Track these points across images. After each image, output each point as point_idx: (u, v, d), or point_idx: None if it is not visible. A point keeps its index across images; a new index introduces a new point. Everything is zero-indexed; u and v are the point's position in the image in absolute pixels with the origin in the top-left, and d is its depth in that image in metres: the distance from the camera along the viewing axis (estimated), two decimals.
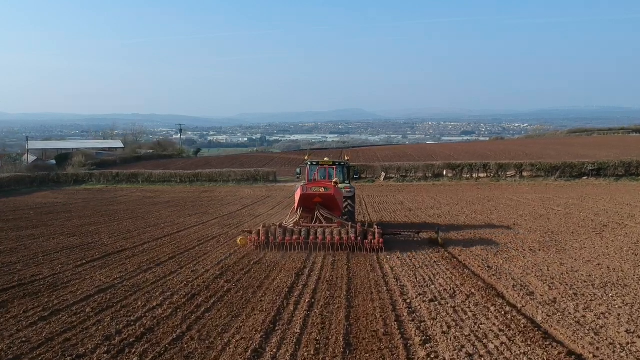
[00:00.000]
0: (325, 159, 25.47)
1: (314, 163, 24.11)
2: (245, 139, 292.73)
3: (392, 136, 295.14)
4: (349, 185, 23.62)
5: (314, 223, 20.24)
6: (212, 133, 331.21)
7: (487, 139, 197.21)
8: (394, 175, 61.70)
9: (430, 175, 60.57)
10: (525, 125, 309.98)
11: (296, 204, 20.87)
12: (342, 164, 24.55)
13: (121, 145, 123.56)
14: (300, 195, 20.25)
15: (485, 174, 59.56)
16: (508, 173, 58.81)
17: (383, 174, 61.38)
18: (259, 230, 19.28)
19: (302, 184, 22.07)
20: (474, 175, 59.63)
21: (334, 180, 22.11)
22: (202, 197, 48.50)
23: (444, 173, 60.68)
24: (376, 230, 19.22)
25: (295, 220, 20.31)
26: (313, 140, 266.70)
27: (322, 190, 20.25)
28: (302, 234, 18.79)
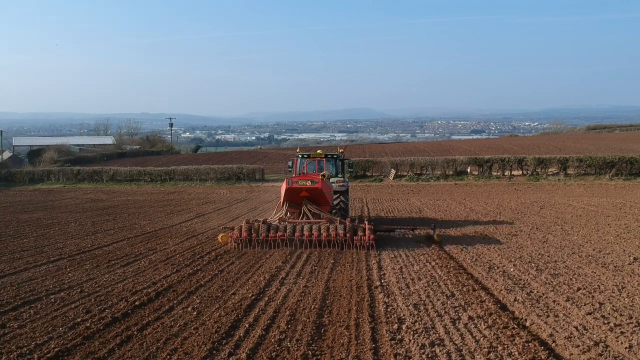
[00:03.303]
0: (318, 151, 23.84)
1: (305, 155, 22.83)
2: (253, 138, 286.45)
3: (400, 135, 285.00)
4: (342, 179, 21.73)
5: (301, 219, 18.54)
6: (220, 132, 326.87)
7: (498, 137, 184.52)
8: (406, 173, 50.26)
9: (451, 172, 49.01)
10: (535, 124, 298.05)
11: (282, 199, 19.12)
12: (335, 156, 22.88)
13: (112, 141, 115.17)
14: (286, 189, 18.51)
15: (521, 172, 48.01)
16: (549, 170, 47.25)
17: (393, 171, 49.90)
18: (241, 226, 17.49)
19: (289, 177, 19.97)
20: (505, 173, 48.10)
21: (321, 173, 20.44)
22: (160, 201, 37.59)
23: (468, 170, 49.18)
24: (367, 226, 17.17)
25: (280, 216, 18.72)
26: (321, 139, 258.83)
27: (308, 183, 18.51)
28: (287, 230, 17.06)
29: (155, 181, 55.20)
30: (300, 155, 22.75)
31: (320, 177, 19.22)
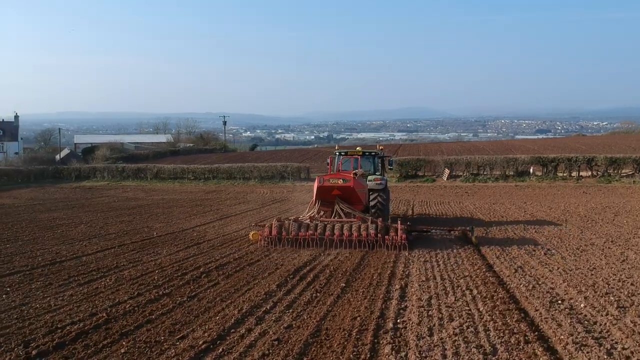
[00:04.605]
0: (357, 148, 23.19)
1: (342, 153, 22.27)
2: (312, 137, 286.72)
3: (462, 134, 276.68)
4: (380, 177, 20.81)
5: (333, 217, 17.88)
6: (280, 131, 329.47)
7: (564, 137, 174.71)
8: (461, 173, 46.31)
9: (511, 173, 44.78)
10: (605, 123, 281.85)
11: (314, 197, 18.71)
12: (373, 153, 22.29)
13: (167, 140, 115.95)
14: (318, 187, 18.14)
15: (590, 172, 43.34)
16: (623, 171, 42.42)
17: (447, 171, 46.07)
18: (272, 224, 16.98)
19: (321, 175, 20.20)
20: (572, 174, 43.49)
21: (354, 171, 19.45)
22: (194, 200, 35.53)
23: (531, 170, 44.85)
24: (399, 226, 16.22)
25: (311, 214, 18.11)
26: (380, 138, 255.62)
27: (340, 182, 17.98)
28: (318, 229, 16.40)
29: (198, 179, 53.60)
30: (337, 153, 22.12)
31: (352, 175, 18.50)
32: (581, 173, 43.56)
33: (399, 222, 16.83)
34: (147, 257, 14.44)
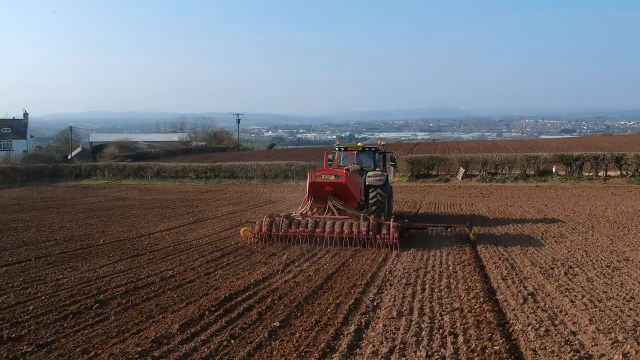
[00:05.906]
0: (359, 144, 22.87)
1: (342, 148, 21.94)
2: (334, 137, 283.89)
3: (485, 134, 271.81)
4: (380, 172, 19.98)
5: (326, 214, 17.41)
6: (301, 131, 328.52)
7: (590, 136, 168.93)
8: (477, 173, 42.78)
9: (532, 172, 41.13)
10: (632, 123, 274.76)
11: (306, 193, 18.39)
12: (373, 149, 21.73)
13: (178, 138, 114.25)
14: (310, 183, 17.91)
15: (619, 172, 39.56)
16: None
17: (462, 169, 42.55)
18: (262, 221, 16.73)
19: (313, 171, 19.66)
20: (599, 174, 39.72)
21: (345, 167, 18.89)
22: (184, 200, 33.18)
23: (554, 170, 41.21)
24: (391, 224, 15.70)
25: (302, 211, 17.75)
26: (402, 138, 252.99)
27: (332, 178, 17.62)
28: (309, 225, 16.05)
29: (200, 178, 51.02)
30: (337, 149, 21.90)
31: (344, 171, 17.93)
32: (609, 173, 39.77)
33: (392, 219, 16.21)
34: (54, 275, 11.37)
